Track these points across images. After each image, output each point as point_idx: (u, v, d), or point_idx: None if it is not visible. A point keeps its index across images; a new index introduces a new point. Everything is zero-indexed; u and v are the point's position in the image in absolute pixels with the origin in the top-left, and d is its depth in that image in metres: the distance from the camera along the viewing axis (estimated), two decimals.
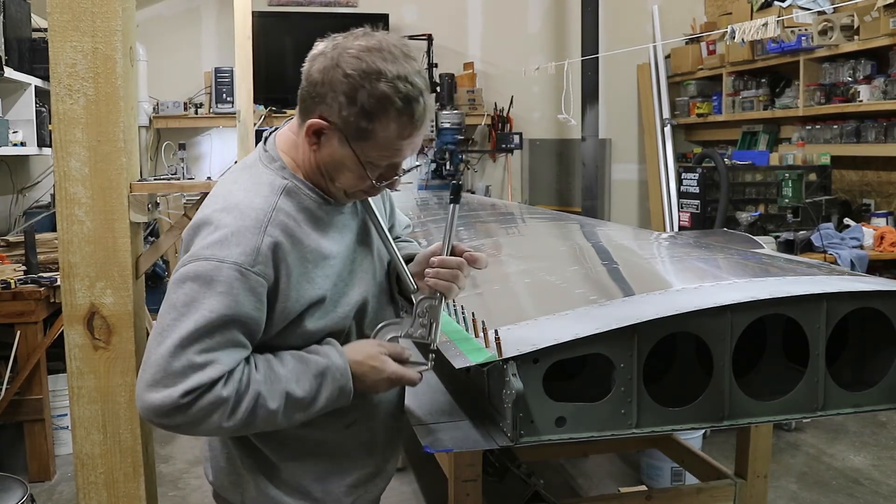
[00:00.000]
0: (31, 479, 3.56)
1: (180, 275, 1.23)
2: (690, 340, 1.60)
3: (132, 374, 2.05)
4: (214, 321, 1.19)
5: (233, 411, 1.21)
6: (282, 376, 1.26)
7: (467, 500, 2.23)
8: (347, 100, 1.23)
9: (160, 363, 1.19)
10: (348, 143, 1.26)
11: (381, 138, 1.26)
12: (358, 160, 1.28)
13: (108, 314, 2.03)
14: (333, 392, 1.29)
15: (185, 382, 1.17)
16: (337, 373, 1.29)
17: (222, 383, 1.20)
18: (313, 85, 1.26)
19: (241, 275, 1.21)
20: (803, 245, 4.50)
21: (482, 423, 1.46)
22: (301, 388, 1.26)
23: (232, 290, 1.20)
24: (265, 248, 1.23)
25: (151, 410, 1.20)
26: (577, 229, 3.14)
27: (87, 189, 1.97)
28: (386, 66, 1.23)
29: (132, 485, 2.08)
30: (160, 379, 1.18)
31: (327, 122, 1.26)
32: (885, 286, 1.57)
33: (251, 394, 1.22)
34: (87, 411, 2.05)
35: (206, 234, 1.24)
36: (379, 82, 1.22)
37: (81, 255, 1.99)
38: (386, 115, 1.24)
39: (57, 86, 1.94)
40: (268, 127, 1.36)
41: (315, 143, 1.29)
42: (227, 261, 1.21)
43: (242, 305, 1.21)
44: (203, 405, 1.19)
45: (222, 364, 1.20)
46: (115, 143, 1.98)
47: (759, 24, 3.64)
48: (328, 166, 1.30)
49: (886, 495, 3.43)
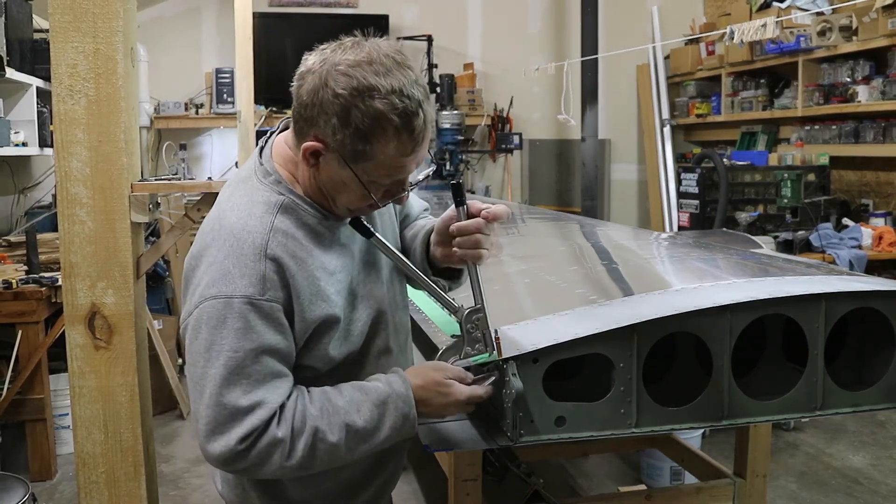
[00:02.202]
0: (33, 478, 3.57)
1: (195, 320, 1.19)
2: (690, 340, 1.60)
3: (133, 373, 2.05)
4: (241, 359, 1.16)
5: (291, 450, 1.18)
6: (340, 407, 1.21)
7: (467, 499, 2.23)
8: (340, 122, 1.15)
9: (208, 413, 1.17)
10: (347, 165, 1.19)
11: (380, 159, 1.18)
12: (359, 181, 1.20)
13: (109, 314, 2.03)
14: (397, 421, 1.23)
15: (239, 428, 1.15)
16: (399, 400, 1.23)
17: (276, 423, 1.16)
18: (304, 107, 1.19)
19: (254, 306, 1.16)
20: (802, 245, 4.50)
21: (482, 423, 1.46)
22: (362, 418, 1.21)
23: (248, 323, 1.16)
24: (270, 272, 1.18)
25: (216, 460, 1.18)
26: (576, 229, 3.15)
27: (89, 189, 1.98)
28: (378, 81, 1.15)
29: (133, 484, 2.09)
30: (213, 428, 1.16)
31: (323, 144, 1.19)
32: (884, 286, 1.58)
33: (308, 430, 1.18)
34: (88, 411, 2.05)
35: (207, 268, 1.20)
36: (373, 100, 1.14)
37: (83, 255, 2.00)
38: (384, 134, 1.16)
39: (58, 86, 1.94)
40: (268, 127, 1.32)
41: (314, 165, 1.22)
42: (236, 295, 1.16)
43: (263, 335, 1.17)
44: (261, 447, 1.16)
45: (270, 403, 1.17)
46: (117, 144, 1.99)
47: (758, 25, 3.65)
48: (329, 187, 1.24)
49: (885, 495, 3.43)
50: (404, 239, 1.56)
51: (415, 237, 1.52)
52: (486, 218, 1.32)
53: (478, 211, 1.32)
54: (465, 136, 6.84)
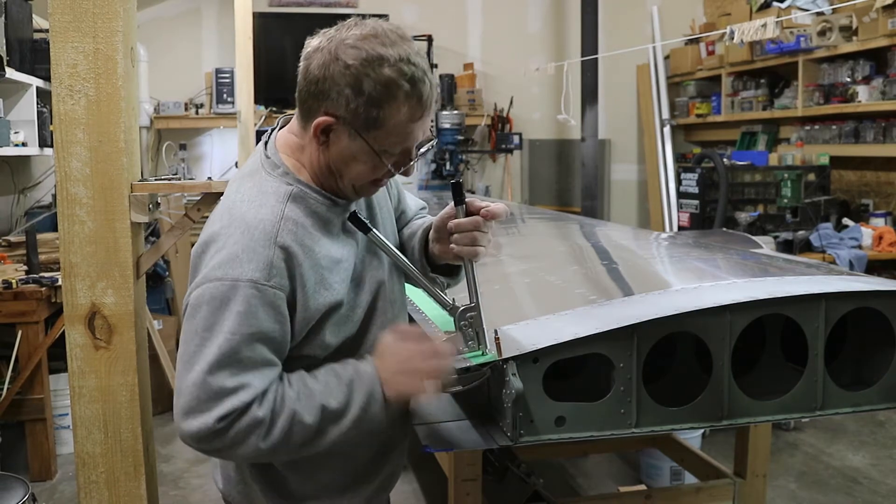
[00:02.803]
0: (33, 478, 3.57)
1: (195, 298, 1.20)
2: (690, 340, 1.60)
3: (133, 373, 2.05)
4: (237, 343, 1.17)
5: (269, 431, 1.19)
6: (315, 390, 1.23)
7: (467, 499, 2.23)
8: (353, 91, 1.20)
9: (192, 391, 1.17)
10: (360, 136, 1.23)
11: (392, 124, 1.22)
12: (372, 150, 1.24)
13: (108, 314, 2.03)
14: (364, 400, 1.24)
15: (219, 408, 1.16)
16: (365, 377, 1.25)
17: (257, 404, 1.18)
18: (314, 82, 1.22)
19: (259, 291, 1.18)
20: (802, 245, 4.51)
21: (482, 423, 1.46)
22: (335, 400, 1.23)
23: (250, 307, 1.18)
24: (278, 260, 1.20)
25: (190, 437, 1.19)
26: (576, 229, 3.15)
27: (89, 189, 1.98)
28: (386, 51, 1.20)
29: (133, 484, 2.09)
30: (194, 406, 1.17)
31: (334, 118, 1.22)
32: (884, 286, 1.58)
33: (287, 412, 1.20)
34: (88, 411, 2.05)
35: (215, 253, 1.22)
36: (382, 67, 1.19)
37: (82, 255, 2.00)
38: (395, 99, 1.20)
39: (58, 86, 1.94)
40: (267, 127, 1.33)
41: (324, 143, 1.26)
42: (243, 279, 1.18)
43: (263, 322, 1.19)
44: (240, 428, 1.17)
45: (254, 386, 1.18)
46: (116, 144, 1.98)
47: (758, 25, 3.65)
48: (338, 163, 1.27)
49: (885, 494, 3.43)
50: (402, 237, 1.57)
51: (413, 235, 1.53)
52: (485, 216, 1.34)
53: (477, 209, 1.34)
54: (465, 136, 6.84)
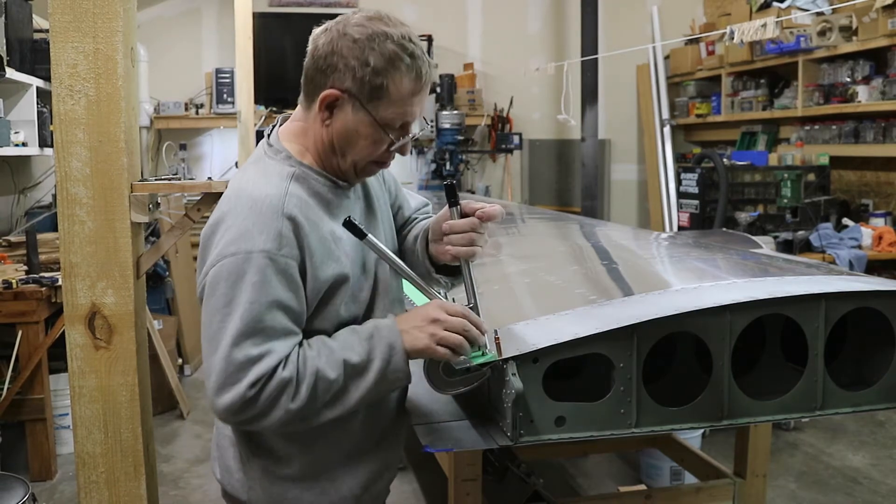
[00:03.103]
0: (33, 478, 3.57)
1: (212, 277, 1.25)
2: (690, 340, 1.60)
3: (133, 373, 2.05)
4: (257, 311, 1.22)
5: (296, 391, 1.23)
6: (335, 348, 1.27)
7: (467, 499, 2.23)
8: (359, 63, 1.28)
9: (221, 367, 1.22)
10: (363, 107, 1.30)
11: (394, 94, 1.29)
12: (375, 122, 1.31)
13: (109, 314, 2.03)
14: (386, 351, 1.27)
15: (249, 376, 1.21)
16: (384, 329, 1.29)
17: (282, 367, 1.22)
18: (322, 57, 1.31)
19: (272, 260, 1.23)
20: (802, 245, 4.51)
21: (482, 423, 1.46)
22: (356, 354, 1.27)
23: (265, 276, 1.23)
24: (287, 230, 1.26)
25: (225, 411, 1.23)
26: (576, 229, 3.15)
27: (89, 189, 1.98)
28: (390, 30, 1.30)
29: (133, 484, 2.09)
30: (224, 380, 1.22)
31: (340, 91, 1.29)
32: (884, 286, 1.58)
33: (310, 370, 1.24)
34: (88, 411, 2.05)
35: (225, 231, 1.26)
36: (386, 42, 1.29)
37: (83, 255, 2.00)
38: (398, 70, 1.29)
39: (58, 86, 1.94)
40: (267, 127, 1.39)
41: (328, 118, 1.32)
42: (255, 250, 1.23)
43: (278, 290, 1.24)
44: (270, 392, 1.21)
45: (277, 352, 1.23)
46: (117, 144, 1.98)
47: (758, 25, 3.65)
48: (341, 139, 1.33)
49: (885, 494, 3.43)
50: (407, 238, 1.59)
51: (416, 237, 1.54)
52: (481, 218, 1.37)
53: (472, 211, 1.38)
54: (465, 136, 6.84)
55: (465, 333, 1.28)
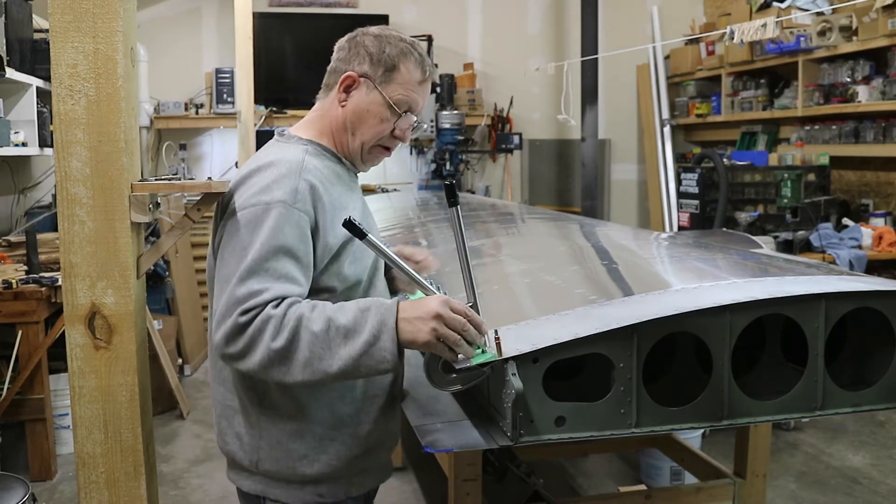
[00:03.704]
0: (33, 478, 3.57)
1: (231, 225, 1.40)
2: (690, 340, 1.60)
3: (133, 373, 2.05)
4: (265, 253, 1.34)
5: (279, 329, 1.30)
6: (328, 308, 1.34)
7: (467, 499, 2.23)
8: (377, 51, 1.51)
9: (225, 300, 1.34)
10: (375, 87, 1.50)
11: (404, 76, 1.51)
12: (385, 101, 1.50)
13: (109, 314, 2.03)
14: (376, 326, 1.30)
15: (243, 305, 1.31)
16: (382, 306, 1.33)
17: (273, 306, 1.32)
18: (343, 50, 1.54)
19: (286, 209, 1.37)
20: (802, 245, 4.51)
21: (482, 423, 1.46)
22: (345, 317, 1.32)
23: (278, 223, 1.36)
24: (303, 188, 1.40)
25: (222, 340, 1.32)
26: (576, 229, 3.15)
27: (89, 189, 1.97)
28: (401, 36, 1.55)
29: (133, 484, 2.08)
30: (225, 312, 1.33)
31: (358, 74, 1.51)
32: (884, 286, 1.58)
33: (296, 315, 1.31)
34: (88, 411, 2.05)
35: (249, 186, 1.41)
36: (400, 42, 1.52)
37: (82, 254, 1.99)
38: (408, 59, 1.51)
39: (58, 86, 1.94)
40: (267, 127, 1.56)
41: (345, 99, 1.52)
42: (273, 201, 1.37)
43: (288, 237, 1.36)
44: (257, 324, 1.30)
45: (274, 290, 1.33)
46: (117, 144, 1.98)
47: (758, 25, 3.65)
48: (354, 117, 1.52)
49: (885, 494, 3.43)
50: None
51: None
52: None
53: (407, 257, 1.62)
54: (465, 136, 6.84)
55: (464, 333, 1.30)
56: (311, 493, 1.49)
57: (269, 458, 1.48)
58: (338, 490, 1.51)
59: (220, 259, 1.40)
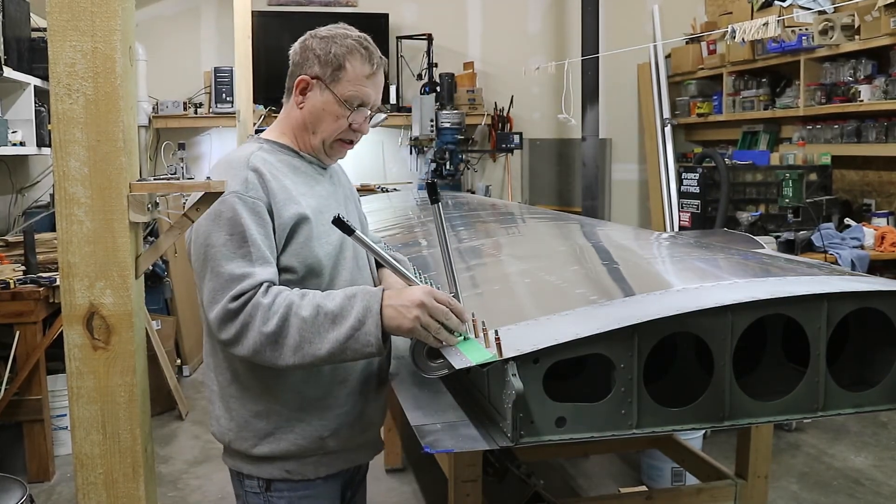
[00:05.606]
0: (31, 479, 3.56)
1: (197, 223, 1.48)
2: (691, 340, 1.59)
3: (132, 374, 2.04)
4: (235, 241, 1.46)
5: (269, 315, 1.40)
6: (317, 295, 1.45)
7: (467, 500, 2.23)
8: (323, 53, 1.60)
9: (210, 286, 1.46)
10: (327, 87, 1.60)
11: (351, 74, 1.60)
12: (336, 98, 1.60)
13: (107, 314, 2.02)
14: (362, 311, 1.41)
15: (231, 291, 1.43)
16: (368, 293, 1.44)
17: (262, 293, 1.43)
18: (295, 55, 1.65)
19: (240, 199, 1.49)
20: (804, 245, 4.50)
21: (482, 423, 1.46)
22: (332, 303, 1.42)
23: (236, 212, 1.48)
24: (252, 177, 1.52)
25: (214, 322, 1.44)
26: (577, 229, 3.13)
27: (87, 189, 1.96)
28: (349, 32, 1.64)
29: (132, 485, 2.07)
30: (213, 297, 1.45)
31: (310, 77, 1.61)
32: (886, 286, 1.57)
33: (285, 302, 1.42)
34: (86, 411, 2.04)
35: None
36: (346, 39, 1.61)
37: (81, 254, 1.98)
38: (354, 56, 1.60)
39: (56, 85, 1.93)
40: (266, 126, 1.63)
41: (301, 101, 1.63)
42: (227, 192, 1.47)
43: (249, 223, 1.47)
44: (248, 311, 1.41)
45: (257, 275, 1.44)
46: (115, 143, 1.97)
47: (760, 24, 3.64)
48: (311, 117, 1.62)
49: (887, 496, 3.43)
50: None
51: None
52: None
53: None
54: (466, 135, 6.83)
55: (447, 321, 1.40)
56: (279, 468, 1.60)
57: (238, 437, 1.60)
58: (305, 468, 1.61)
59: (193, 249, 1.53)
